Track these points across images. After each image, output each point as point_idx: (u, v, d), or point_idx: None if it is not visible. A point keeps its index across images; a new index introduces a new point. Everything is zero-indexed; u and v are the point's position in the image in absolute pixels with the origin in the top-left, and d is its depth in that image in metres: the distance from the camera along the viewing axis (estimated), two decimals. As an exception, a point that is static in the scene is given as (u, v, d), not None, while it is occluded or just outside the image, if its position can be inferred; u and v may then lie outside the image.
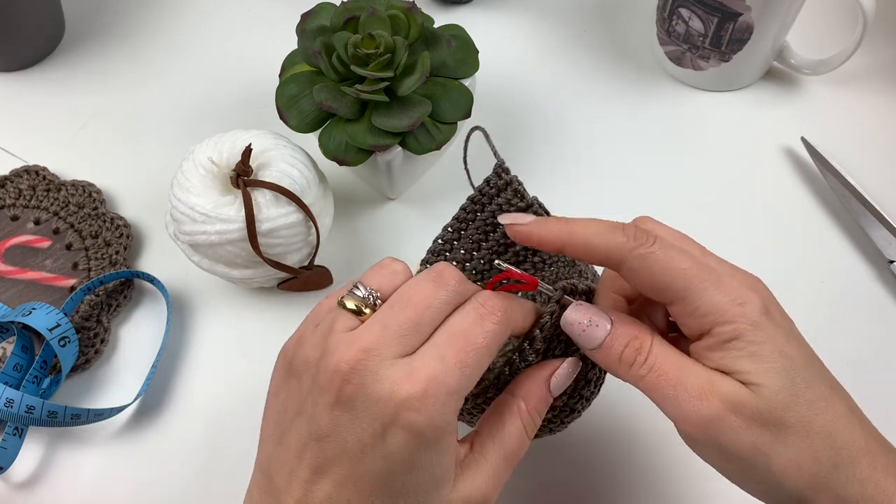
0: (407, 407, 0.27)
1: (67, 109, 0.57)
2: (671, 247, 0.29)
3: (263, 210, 0.42)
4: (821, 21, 0.59)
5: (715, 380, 0.28)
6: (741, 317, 0.27)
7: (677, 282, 0.28)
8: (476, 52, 0.47)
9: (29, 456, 0.44)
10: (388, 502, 0.28)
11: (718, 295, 0.28)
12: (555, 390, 0.32)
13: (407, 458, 0.27)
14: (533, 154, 0.54)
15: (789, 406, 0.27)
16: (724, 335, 0.28)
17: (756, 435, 0.27)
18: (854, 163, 0.52)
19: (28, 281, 0.49)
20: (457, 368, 0.28)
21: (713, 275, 0.28)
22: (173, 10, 0.62)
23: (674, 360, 0.29)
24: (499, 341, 0.29)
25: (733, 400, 0.27)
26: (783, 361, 0.27)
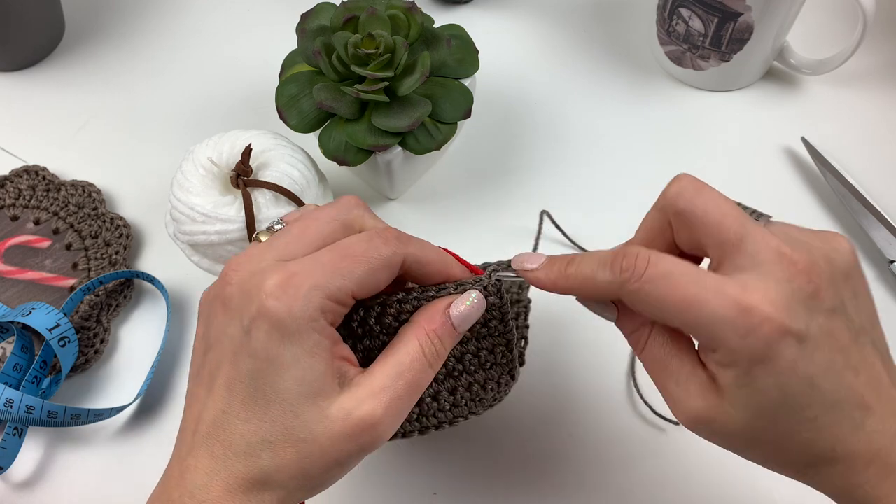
0: (267, 295, 0.27)
1: (67, 109, 0.57)
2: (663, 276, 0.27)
3: (263, 210, 0.42)
4: (821, 21, 0.59)
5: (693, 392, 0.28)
6: (742, 351, 0.26)
7: (674, 312, 0.27)
8: (476, 52, 0.47)
9: (29, 456, 0.44)
10: (259, 411, 0.27)
11: (719, 326, 0.26)
12: (456, 320, 0.31)
13: (270, 354, 0.27)
14: (533, 154, 0.54)
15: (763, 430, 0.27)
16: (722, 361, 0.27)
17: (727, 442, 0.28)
18: (854, 163, 0.52)
19: (28, 281, 0.49)
20: (326, 266, 0.28)
21: (716, 299, 0.26)
22: (173, 9, 0.62)
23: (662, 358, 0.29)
24: (383, 262, 0.29)
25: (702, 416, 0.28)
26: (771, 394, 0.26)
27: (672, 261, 0.27)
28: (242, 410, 0.28)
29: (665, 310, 0.27)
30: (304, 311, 0.27)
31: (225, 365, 0.28)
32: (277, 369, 0.27)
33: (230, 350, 0.28)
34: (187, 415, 0.30)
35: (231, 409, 0.28)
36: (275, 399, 0.27)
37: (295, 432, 0.27)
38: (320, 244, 0.29)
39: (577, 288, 0.30)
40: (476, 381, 0.35)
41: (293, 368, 0.27)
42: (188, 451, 0.29)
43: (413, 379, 0.29)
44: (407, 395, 0.29)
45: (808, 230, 0.29)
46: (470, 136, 0.54)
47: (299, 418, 0.27)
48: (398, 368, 0.29)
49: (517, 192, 0.53)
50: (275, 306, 0.27)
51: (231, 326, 0.28)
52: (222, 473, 0.27)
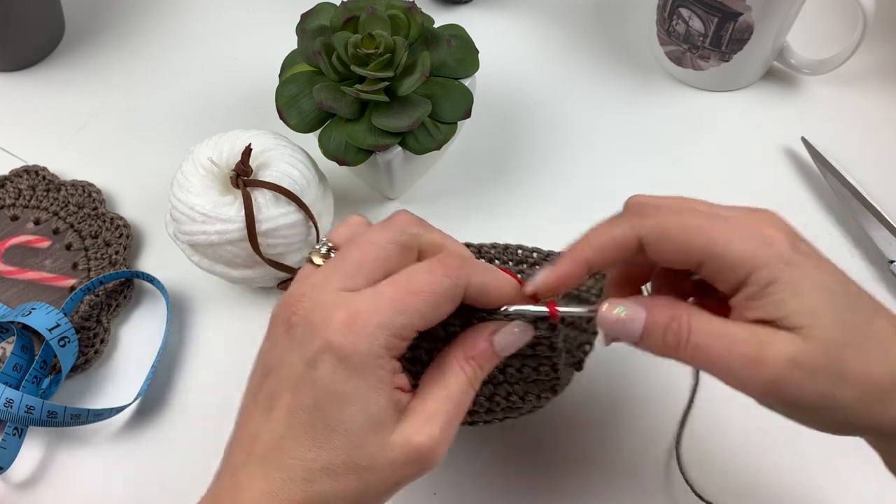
0: (335, 331, 0.27)
1: (67, 109, 0.57)
2: (679, 210, 0.29)
3: (263, 210, 0.42)
4: (821, 21, 0.59)
5: (763, 339, 0.27)
6: (773, 258, 0.27)
7: (698, 240, 0.28)
8: (476, 52, 0.47)
9: (29, 456, 0.44)
10: (321, 440, 0.28)
11: (743, 242, 0.27)
12: (500, 348, 0.31)
13: (334, 388, 0.28)
14: (533, 154, 0.54)
15: (841, 339, 0.27)
16: (762, 281, 0.27)
17: (818, 382, 0.27)
18: (854, 163, 0.52)
19: (28, 281, 0.49)
20: (391, 304, 0.28)
21: (731, 223, 0.28)
22: (173, 9, 0.62)
23: (717, 331, 0.28)
24: (446, 295, 0.29)
25: (787, 356, 0.27)
26: (824, 294, 0.27)
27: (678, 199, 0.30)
28: (304, 438, 0.28)
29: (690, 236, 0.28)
30: (369, 349, 0.28)
31: (285, 393, 0.28)
32: (342, 402, 0.28)
33: (291, 379, 0.28)
34: (240, 434, 0.30)
35: (291, 435, 0.28)
36: (338, 429, 0.28)
37: (357, 461, 0.28)
38: (381, 272, 0.29)
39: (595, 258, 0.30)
40: (515, 392, 0.35)
41: (358, 402, 0.28)
42: (240, 468, 0.29)
43: (461, 402, 0.30)
44: (457, 417, 0.30)
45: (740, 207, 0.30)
46: (470, 136, 0.54)
47: (361, 448, 0.28)
48: (448, 395, 0.30)
49: (517, 192, 0.52)
50: (341, 343, 0.27)
51: (293, 355, 0.29)
52: (279, 496, 0.28)
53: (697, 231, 0.28)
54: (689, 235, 0.28)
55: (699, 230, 0.28)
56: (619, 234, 0.29)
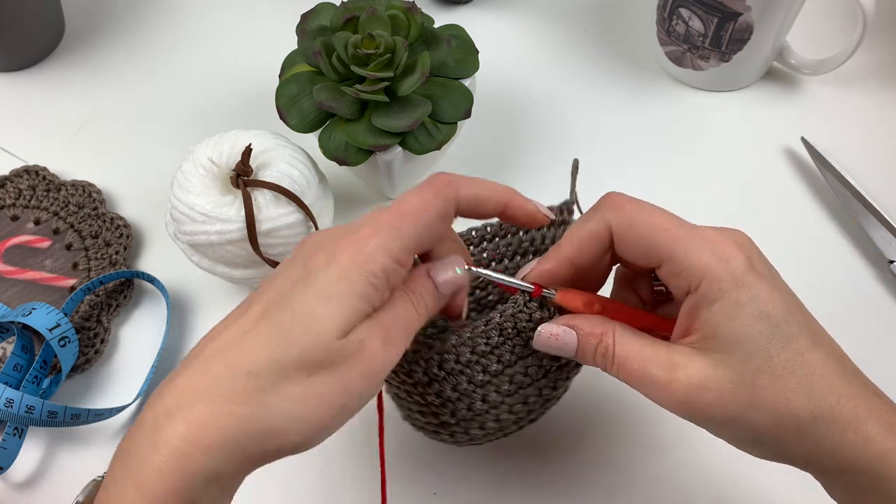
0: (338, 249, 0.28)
1: (67, 109, 0.57)
2: (650, 210, 0.30)
3: (263, 210, 0.42)
4: (821, 21, 0.59)
5: (676, 362, 0.29)
6: (725, 275, 0.28)
7: (661, 240, 0.29)
8: (476, 52, 0.47)
9: (29, 456, 0.44)
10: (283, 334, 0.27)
11: (701, 252, 0.29)
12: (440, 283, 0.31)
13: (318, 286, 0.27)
14: (532, 154, 0.54)
15: (759, 369, 0.28)
16: (708, 296, 0.28)
17: (728, 407, 0.28)
18: (854, 163, 0.52)
19: (28, 281, 0.49)
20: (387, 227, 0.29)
21: (695, 233, 0.29)
22: (173, 9, 0.62)
23: (636, 352, 0.30)
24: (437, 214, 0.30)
25: (695, 382, 0.28)
26: (760, 324, 0.28)
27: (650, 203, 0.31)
28: (267, 333, 0.27)
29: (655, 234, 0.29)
30: (365, 264, 0.28)
31: (266, 296, 0.28)
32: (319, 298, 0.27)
33: (279, 288, 0.28)
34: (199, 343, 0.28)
35: (255, 330, 0.27)
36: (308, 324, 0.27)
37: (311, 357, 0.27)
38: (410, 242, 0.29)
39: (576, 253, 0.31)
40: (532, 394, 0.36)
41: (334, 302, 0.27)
42: (180, 371, 0.27)
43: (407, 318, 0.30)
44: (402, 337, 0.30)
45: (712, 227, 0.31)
46: (470, 136, 0.54)
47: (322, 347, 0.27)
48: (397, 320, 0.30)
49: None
50: (341, 255, 0.28)
51: (289, 270, 0.29)
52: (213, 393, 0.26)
53: (663, 232, 0.29)
54: (655, 234, 0.29)
55: (664, 231, 0.29)
56: (591, 226, 0.31)
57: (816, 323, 0.30)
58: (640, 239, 0.30)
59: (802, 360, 0.28)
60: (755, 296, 0.28)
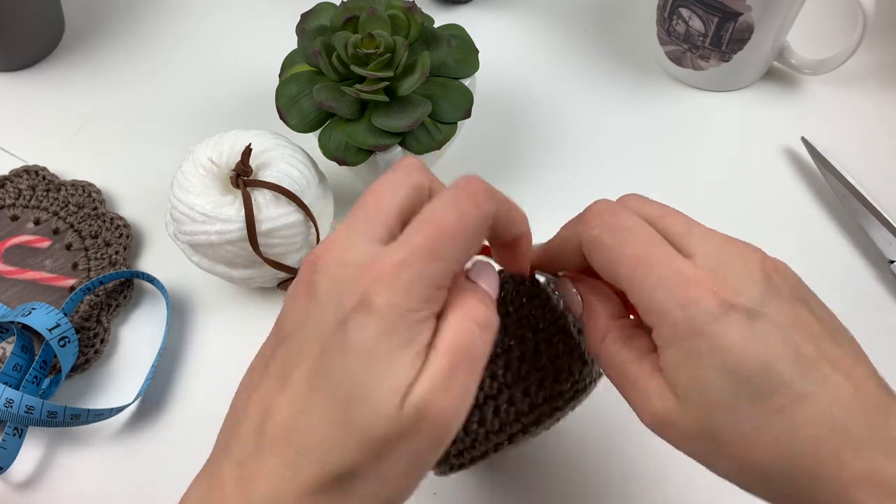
0: (368, 286, 0.24)
1: (67, 109, 0.57)
2: (625, 230, 0.27)
3: (263, 210, 0.42)
4: (821, 21, 0.59)
5: (651, 393, 0.27)
6: (683, 320, 0.25)
7: (622, 272, 0.27)
8: (476, 52, 0.47)
9: (29, 456, 0.44)
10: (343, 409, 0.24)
11: (662, 292, 0.26)
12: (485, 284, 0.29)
13: (365, 347, 0.24)
14: (532, 154, 0.54)
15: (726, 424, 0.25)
16: (661, 339, 0.26)
17: (692, 445, 0.27)
18: (854, 163, 0.52)
19: (28, 281, 0.49)
20: (423, 251, 0.25)
21: (664, 266, 0.26)
22: (173, 9, 0.62)
23: (619, 365, 0.28)
24: (477, 230, 0.26)
25: (664, 420, 0.27)
26: (723, 377, 0.25)
27: (636, 219, 0.28)
28: (325, 410, 0.24)
29: (616, 263, 0.27)
30: (406, 302, 0.24)
31: (307, 360, 0.25)
32: (370, 364, 0.24)
33: (316, 344, 0.25)
34: (246, 412, 0.26)
35: (310, 408, 0.25)
36: (362, 395, 0.24)
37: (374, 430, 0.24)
38: (400, 215, 0.27)
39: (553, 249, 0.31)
40: (547, 376, 0.33)
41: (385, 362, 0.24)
42: (251, 454, 0.25)
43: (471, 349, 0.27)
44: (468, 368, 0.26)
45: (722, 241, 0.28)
46: (470, 136, 0.54)
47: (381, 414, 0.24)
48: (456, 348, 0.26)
49: (517, 192, 0.52)
50: (376, 298, 0.24)
51: (318, 317, 0.25)
52: (294, 480, 0.24)
53: (626, 260, 0.27)
54: (617, 262, 0.27)
55: (627, 260, 0.27)
56: (565, 235, 0.30)
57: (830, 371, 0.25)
58: (603, 264, 0.28)
59: (781, 417, 0.25)
60: (718, 346, 0.25)
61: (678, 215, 0.29)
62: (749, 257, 0.27)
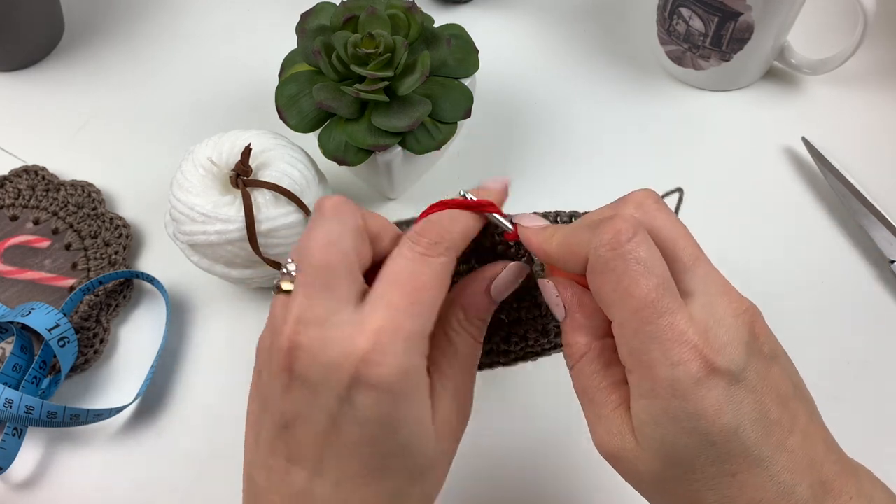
0: (366, 361, 0.25)
1: (67, 109, 0.57)
2: (639, 266, 0.25)
3: (263, 210, 0.42)
4: (821, 21, 0.59)
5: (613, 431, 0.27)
6: (666, 379, 0.25)
7: (622, 310, 0.26)
8: (476, 51, 0.47)
9: (28, 456, 0.44)
10: (381, 472, 0.26)
11: (655, 345, 0.25)
12: (497, 295, 0.30)
13: (384, 419, 0.25)
14: (533, 154, 0.54)
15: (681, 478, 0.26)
16: (639, 389, 0.26)
17: (637, 485, 0.28)
18: (855, 162, 0.52)
19: (27, 281, 0.49)
20: (409, 310, 0.26)
21: (663, 319, 0.25)
22: (173, 9, 0.62)
23: (588, 388, 0.28)
24: (448, 273, 0.28)
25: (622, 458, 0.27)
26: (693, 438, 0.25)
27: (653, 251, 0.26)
28: (360, 476, 0.26)
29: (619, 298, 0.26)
30: (409, 366, 0.26)
31: (319, 440, 0.26)
32: (394, 429, 0.26)
33: (326, 424, 0.26)
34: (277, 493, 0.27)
35: (348, 478, 0.26)
36: (396, 454, 0.26)
37: (418, 471, 0.27)
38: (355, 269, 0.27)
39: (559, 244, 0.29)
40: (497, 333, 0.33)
41: (408, 422, 0.26)
42: None
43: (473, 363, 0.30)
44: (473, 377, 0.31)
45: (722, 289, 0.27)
46: (470, 136, 0.54)
47: (420, 458, 0.27)
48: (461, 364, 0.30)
49: (517, 192, 0.52)
50: (379, 372, 0.25)
51: (320, 400, 0.26)
52: None
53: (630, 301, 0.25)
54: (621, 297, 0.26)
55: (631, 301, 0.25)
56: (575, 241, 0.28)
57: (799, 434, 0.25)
58: (604, 292, 0.26)
59: (730, 482, 0.25)
60: (694, 411, 0.24)
61: (689, 241, 0.27)
62: (741, 315, 0.26)
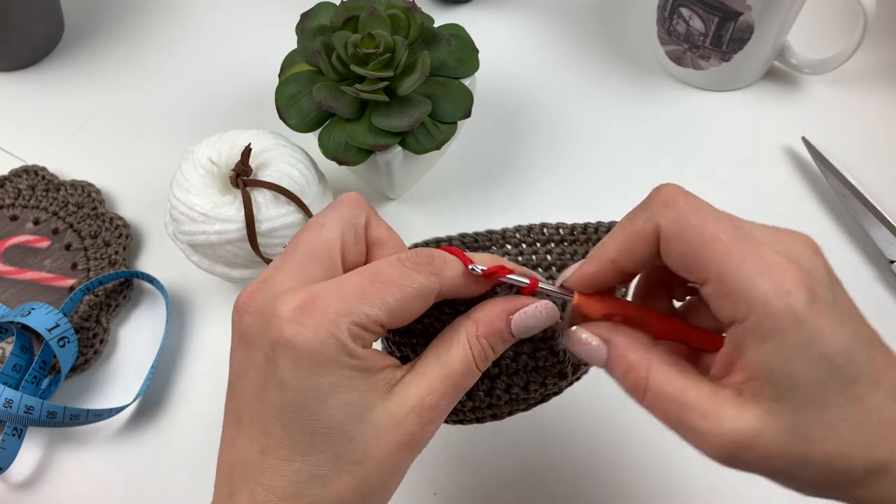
0: (288, 320, 0.25)
1: (67, 109, 0.57)
2: (706, 211, 0.25)
3: (263, 210, 0.42)
4: (821, 21, 0.59)
5: (724, 416, 0.25)
6: (783, 311, 0.23)
7: (711, 254, 0.24)
8: (476, 51, 0.47)
9: (28, 456, 0.44)
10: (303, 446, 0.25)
11: (760, 278, 0.24)
12: (517, 330, 0.28)
13: (306, 389, 0.25)
14: (533, 154, 0.54)
15: (814, 420, 0.24)
16: (759, 332, 0.24)
17: (774, 464, 0.25)
18: (855, 162, 0.52)
19: (27, 281, 0.49)
20: (353, 291, 0.25)
21: (756, 249, 0.24)
22: (173, 9, 0.62)
23: (673, 395, 0.26)
24: (417, 291, 0.26)
25: (743, 440, 0.24)
26: (817, 367, 0.24)
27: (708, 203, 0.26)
28: (283, 448, 0.25)
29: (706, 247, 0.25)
30: (331, 338, 0.25)
31: (251, 401, 0.26)
32: (316, 399, 0.25)
33: (255, 384, 0.26)
34: (220, 458, 0.27)
35: (269, 448, 0.25)
36: (318, 430, 0.25)
37: (348, 457, 0.25)
38: (335, 256, 0.27)
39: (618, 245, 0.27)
40: (515, 384, 0.32)
41: (333, 395, 0.25)
42: (228, 498, 0.26)
43: (460, 383, 0.27)
44: (454, 396, 0.27)
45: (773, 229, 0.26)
46: (470, 136, 0.54)
47: (350, 443, 0.25)
48: (446, 371, 0.27)
49: (517, 192, 0.52)
50: (298, 332, 0.24)
51: (251, 359, 0.26)
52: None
53: (715, 244, 0.25)
54: (704, 245, 0.25)
55: (716, 243, 0.24)
56: (638, 226, 0.27)
57: (884, 353, 0.25)
58: (688, 250, 0.25)
59: (860, 407, 0.24)
60: (815, 335, 0.23)
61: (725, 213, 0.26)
62: (808, 244, 0.26)
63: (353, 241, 0.28)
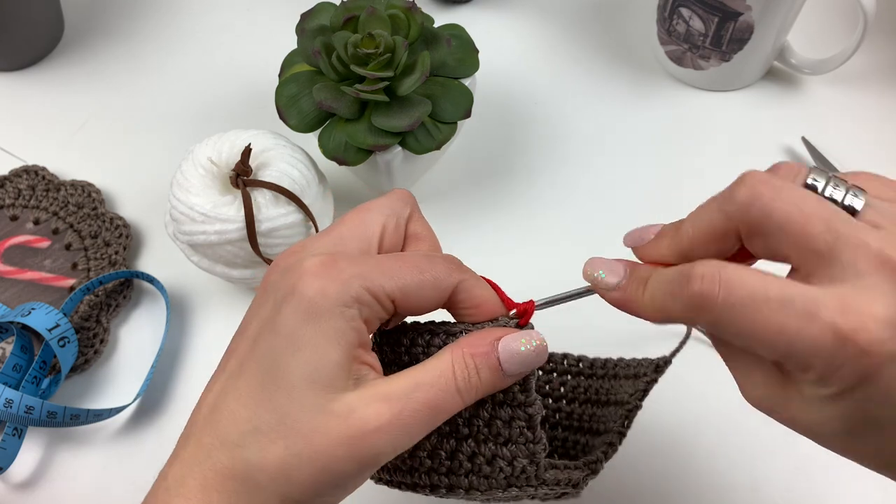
0: (305, 272, 0.26)
1: (67, 109, 0.57)
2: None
3: (263, 210, 0.42)
4: (821, 21, 0.59)
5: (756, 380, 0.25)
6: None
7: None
8: (476, 51, 0.47)
9: (28, 456, 0.44)
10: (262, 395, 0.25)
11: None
12: (504, 354, 0.27)
13: (290, 331, 0.25)
14: (533, 154, 0.54)
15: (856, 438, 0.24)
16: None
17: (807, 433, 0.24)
18: (855, 162, 0.52)
19: (27, 281, 0.49)
20: (374, 263, 0.26)
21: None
22: (173, 9, 0.62)
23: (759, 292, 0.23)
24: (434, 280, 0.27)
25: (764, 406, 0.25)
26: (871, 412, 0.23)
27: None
28: (244, 392, 0.25)
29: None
30: (338, 295, 0.25)
31: (244, 343, 0.27)
32: (293, 348, 0.25)
33: (253, 330, 0.26)
34: (199, 400, 0.28)
35: (232, 390, 0.26)
36: (280, 381, 0.25)
37: (288, 421, 0.24)
38: (373, 235, 0.28)
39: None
40: (482, 454, 0.29)
41: (308, 350, 0.25)
42: (184, 441, 0.27)
43: (434, 397, 0.26)
44: (422, 411, 0.25)
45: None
46: (470, 136, 0.54)
47: (297, 404, 0.25)
48: (420, 380, 0.26)
49: (517, 192, 0.52)
50: (310, 283, 0.25)
51: (262, 308, 0.27)
52: (202, 465, 0.25)
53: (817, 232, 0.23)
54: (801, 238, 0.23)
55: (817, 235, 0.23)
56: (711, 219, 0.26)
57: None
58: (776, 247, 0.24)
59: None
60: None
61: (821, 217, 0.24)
62: None
63: (394, 230, 0.29)
